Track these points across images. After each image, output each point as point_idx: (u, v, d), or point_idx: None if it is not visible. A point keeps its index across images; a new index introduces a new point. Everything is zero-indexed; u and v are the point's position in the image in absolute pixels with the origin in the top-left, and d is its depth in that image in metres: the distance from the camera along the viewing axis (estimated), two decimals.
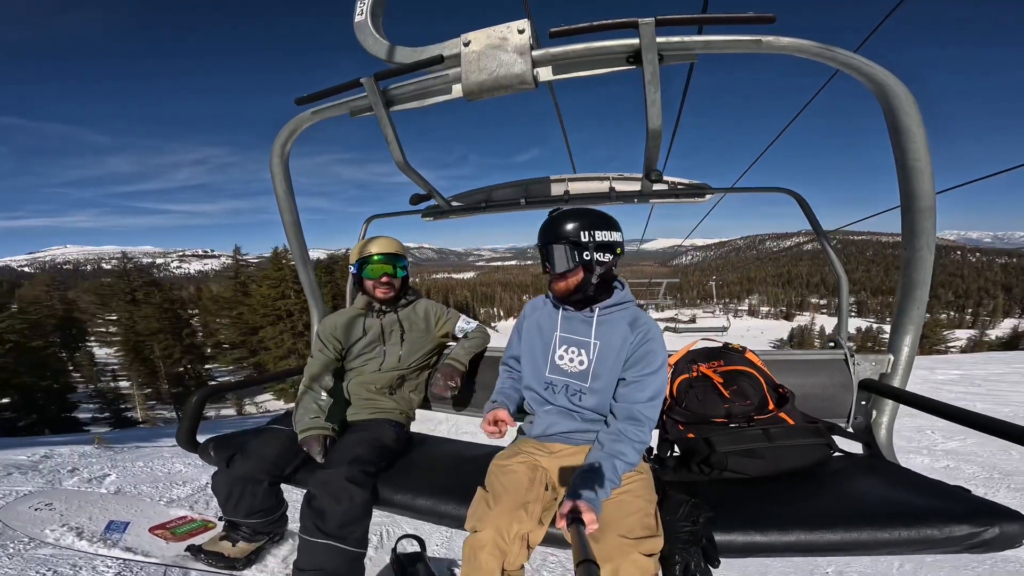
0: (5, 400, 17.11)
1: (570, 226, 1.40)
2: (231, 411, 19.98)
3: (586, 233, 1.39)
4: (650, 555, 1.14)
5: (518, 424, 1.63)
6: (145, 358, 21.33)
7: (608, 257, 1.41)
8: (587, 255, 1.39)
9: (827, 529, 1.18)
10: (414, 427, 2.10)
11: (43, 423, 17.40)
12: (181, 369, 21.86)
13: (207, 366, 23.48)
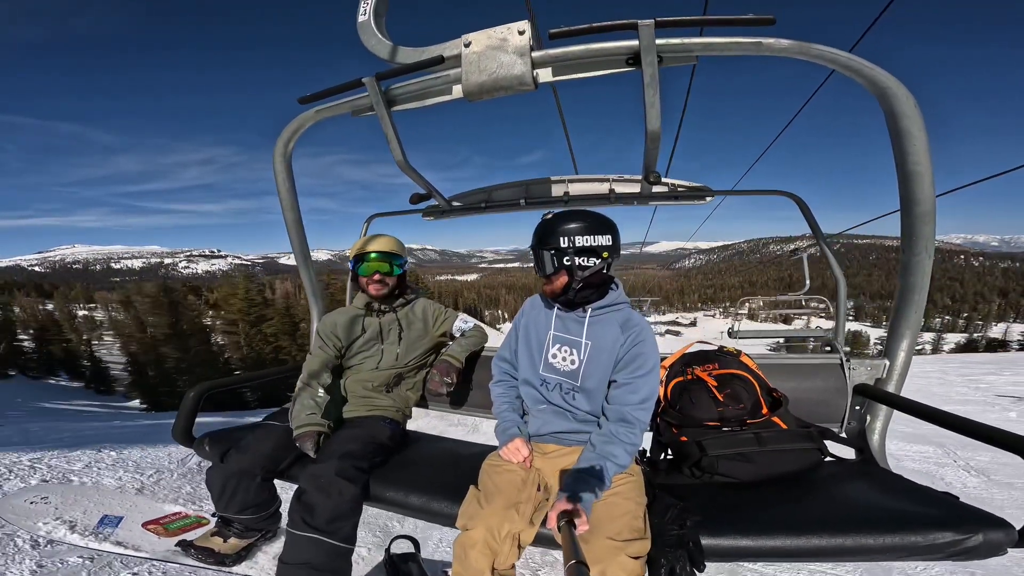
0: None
1: (553, 232, 1.42)
2: None
3: (566, 239, 1.39)
4: (637, 557, 1.15)
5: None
6: (266, 356, 24.02)
7: (593, 262, 1.41)
8: (567, 260, 1.40)
9: (812, 534, 1.18)
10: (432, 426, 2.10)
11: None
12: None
13: None
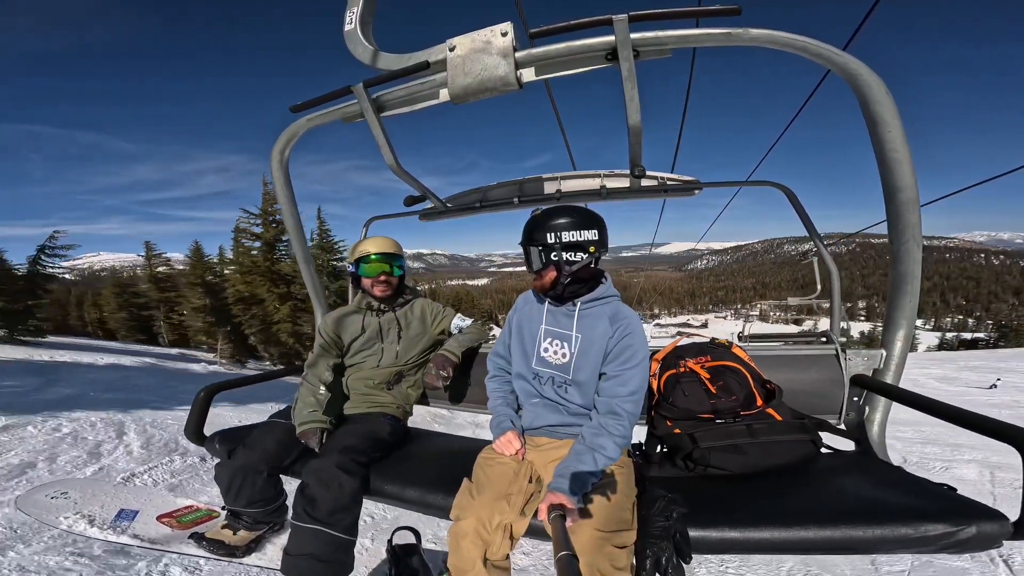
0: None
1: (540, 228, 1.44)
2: None
3: (553, 235, 1.42)
4: (622, 547, 1.17)
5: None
6: None
7: (580, 256, 1.43)
8: (555, 255, 1.43)
9: (801, 527, 1.17)
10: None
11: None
12: None
13: None
